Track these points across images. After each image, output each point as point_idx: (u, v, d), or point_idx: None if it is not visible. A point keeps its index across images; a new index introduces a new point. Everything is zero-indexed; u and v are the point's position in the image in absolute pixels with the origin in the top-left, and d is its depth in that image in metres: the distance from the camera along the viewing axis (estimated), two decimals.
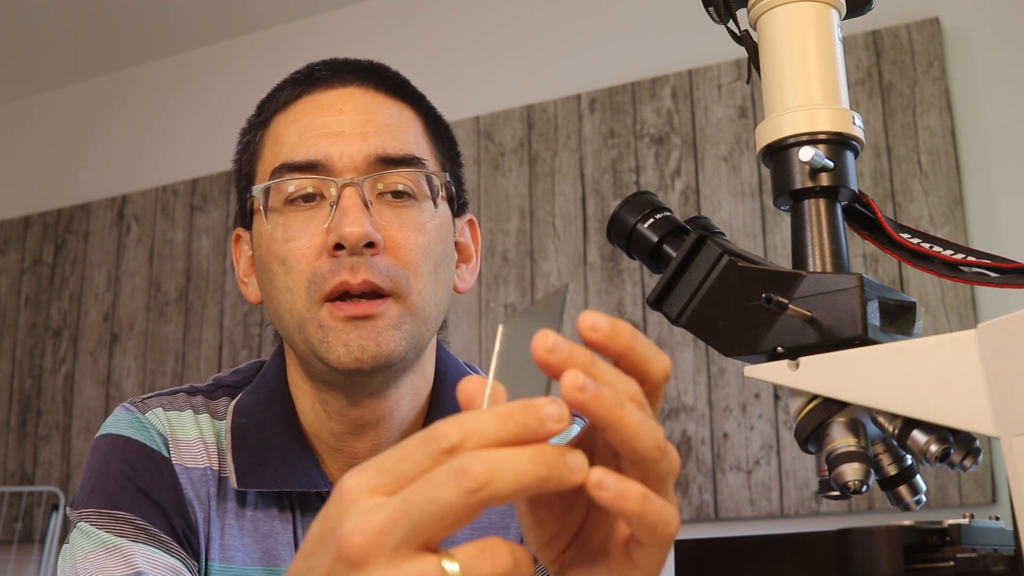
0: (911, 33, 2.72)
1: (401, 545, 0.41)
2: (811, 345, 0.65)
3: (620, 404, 0.45)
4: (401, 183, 0.91)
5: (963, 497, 2.44)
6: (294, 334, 0.91)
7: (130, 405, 0.96)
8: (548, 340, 0.45)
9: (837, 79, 0.71)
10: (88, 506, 0.90)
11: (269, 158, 0.94)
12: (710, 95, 2.92)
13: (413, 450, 0.43)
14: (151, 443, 0.93)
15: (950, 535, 0.60)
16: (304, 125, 0.93)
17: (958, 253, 0.69)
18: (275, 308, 0.93)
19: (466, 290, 1.01)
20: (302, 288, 0.89)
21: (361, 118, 0.93)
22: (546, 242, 3.01)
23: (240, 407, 0.96)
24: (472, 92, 3.24)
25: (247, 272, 1.00)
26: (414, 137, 0.95)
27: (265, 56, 3.61)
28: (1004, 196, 2.61)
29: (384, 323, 0.88)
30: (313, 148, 0.91)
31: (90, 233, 3.69)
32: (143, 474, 0.91)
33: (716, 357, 2.75)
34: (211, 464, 0.93)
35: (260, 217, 0.93)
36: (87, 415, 3.51)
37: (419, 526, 0.41)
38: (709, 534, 2.41)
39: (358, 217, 0.87)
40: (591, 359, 0.46)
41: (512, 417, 0.43)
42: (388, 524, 0.41)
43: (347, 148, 0.91)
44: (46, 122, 4.01)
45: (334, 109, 0.93)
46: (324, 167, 0.90)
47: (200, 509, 0.91)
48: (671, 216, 0.75)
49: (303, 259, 0.89)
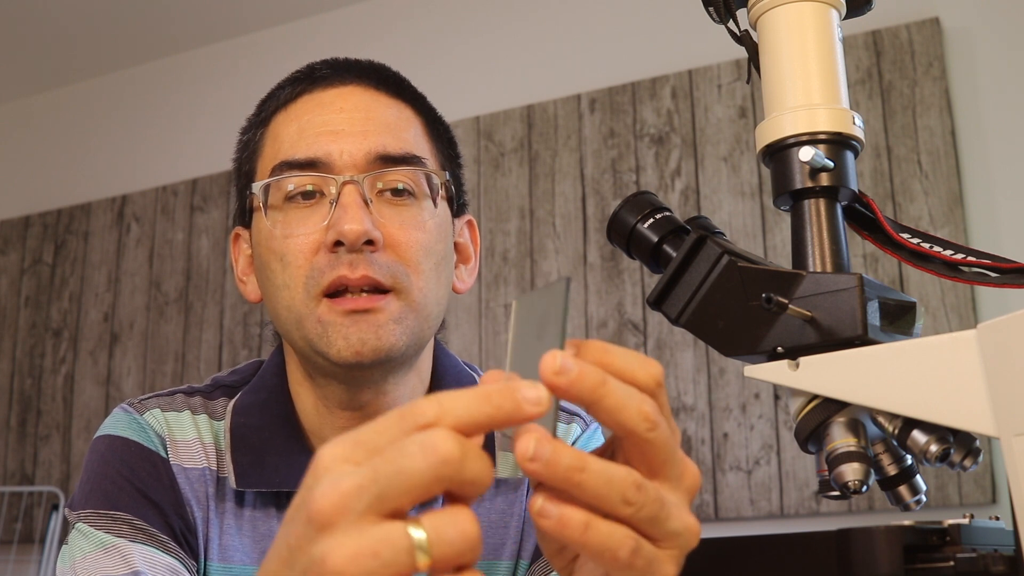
0: (911, 33, 2.72)
1: (368, 511, 0.42)
2: (811, 345, 0.65)
3: (601, 382, 0.46)
4: (401, 181, 0.91)
5: (963, 497, 2.44)
6: (293, 331, 0.91)
7: (128, 406, 0.96)
8: (556, 362, 0.45)
9: (837, 79, 0.71)
10: (86, 507, 0.90)
11: (269, 156, 0.94)
12: (710, 95, 2.91)
13: (390, 425, 0.44)
14: (149, 444, 0.93)
15: (950, 535, 0.60)
16: (304, 123, 0.93)
17: (958, 253, 0.69)
18: (273, 305, 0.93)
19: (464, 290, 1.01)
20: (300, 284, 0.89)
21: (361, 116, 0.93)
22: (546, 242, 3.01)
23: (238, 407, 0.96)
24: (472, 92, 3.24)
25: (246, 271, 1.00)
26: (414, 136, 0.95)
27: (265, 56, 3.61)
28: (1004, 196, 2.61)
29: (385, 317, 0.88)
30: (313, 146, 0.91)
31: (90, 233, 3.69)
32: (141, 474, 0.91)
33: (716, 357, 2.75)
34: (209, 464, 0.93)
35: (260, 214, 0.93)
36: (87, 415, 3.50)
37: (387, 494, 0.42)
38: (709, 534, 2.39)
39: (358, 214, 0.87)
40: (601, 380, 0.46)
41: (489, 399, 0.44)
42: (356, 489, 0.42)
43: (347, 146, 0.91)
44: (46, 122, 4.01)
45: (334, 107, 0.93)
46: (324, 165, 0.90)
47: (198, 509, 0.91)
48: (671, 216, 0.74)
49: (301, 255, 0.89)
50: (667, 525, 0.47)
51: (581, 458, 0.45)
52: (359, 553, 0.41)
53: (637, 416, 0.47)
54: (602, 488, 0.45)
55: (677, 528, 0.48)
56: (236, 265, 1.01)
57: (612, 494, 0.46)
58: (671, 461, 0.49)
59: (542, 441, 0.44)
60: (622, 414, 0.46)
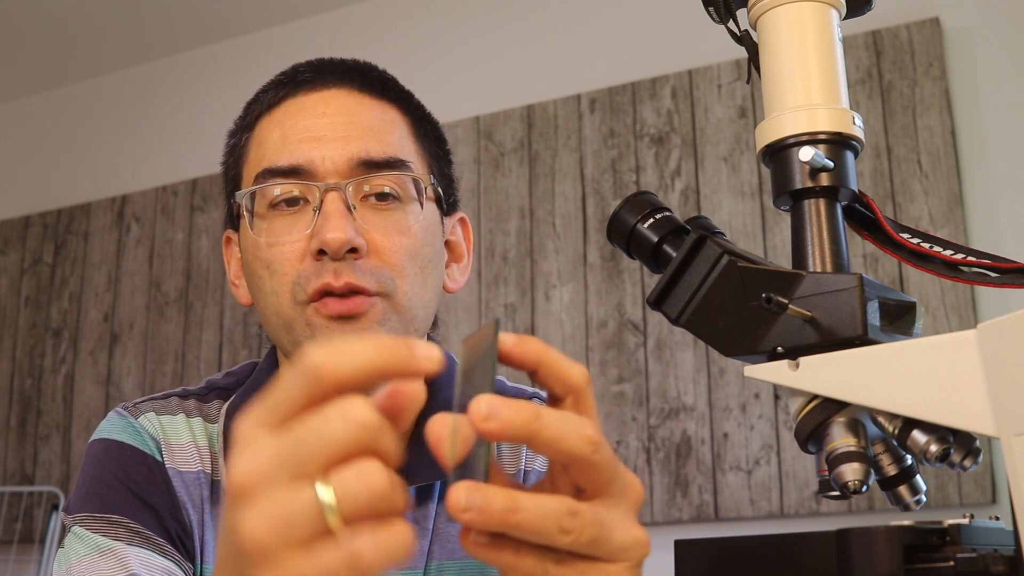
0: (911, 33, 2.72)
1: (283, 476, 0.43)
2: (811, 345, 0.65)
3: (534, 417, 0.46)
4: (385, 186, 0.91)
5: (963, 497, 2.44)
6: (282, 336, 0.91)
7: (122, 410, 0.96)
8: (481, 409, 0.45)
9: (837, 79, 0.71)
10: (82, 510, 0.90)
11: (253, 162, 0.94)
12: (710, 95, 2.91)
13: (293, 384, 0.45)
14: (144, 447, 0.93)
15: (950, 535, 0.60)
16: (287, 129, 0.92)
17: (958, 253, 0.68)
18: (263, 311, 0.93)
19: (456, 289, 1.01)
20: (287, 291, 0.89)
21: (344, 121, 0.92)
22: (546, 242, 3.01)
23: (233, 408, 0.96)
24: (472, 92, 3.24)
25: (238, 274, 1.00)
26: (398, 139, 0.94)
27: (265, 56, 3.61)
28: (1004, 196, 2.61)
29: (368, 320, 0.88)
30: (296, 152, 0.90)
31: (90, 233, 3.69)
32: (136, 478, 0.91)
33: (716, 357, 2.75)
34: (204, 468, 0.93)
35: (245, 222, 0.93)
36: (87, 415, 3.50)
37: (304, 459, 0.43)
38: (709, 534, 2.41)
39: (340, 222, 0.87)
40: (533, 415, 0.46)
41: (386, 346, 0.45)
42: (273, 458, 0.43)
43: (329, 152, 0.90)
44: (46, 122, 4.01)
45: (316, 112, 0.93)
46: (307, 172, 0.90)
47: (194, 512, 0.91)
48: (671, 216, 0.74)
49: (287, 263, 0.89)
50: (611, 543, 0.48)
51: (513, 498, 0.45)
52: (271, 518, 0.42)
53: (580, 442, 0.47)
54: (538, 523, 0.46)
55: (624, 543, 0.48)
56: (228, 269, 1.01)
57: (549, 527, 0.46)
58: (615, 479, 0.49)
59: (471, 491, 0.45)
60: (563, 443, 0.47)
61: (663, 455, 2.73)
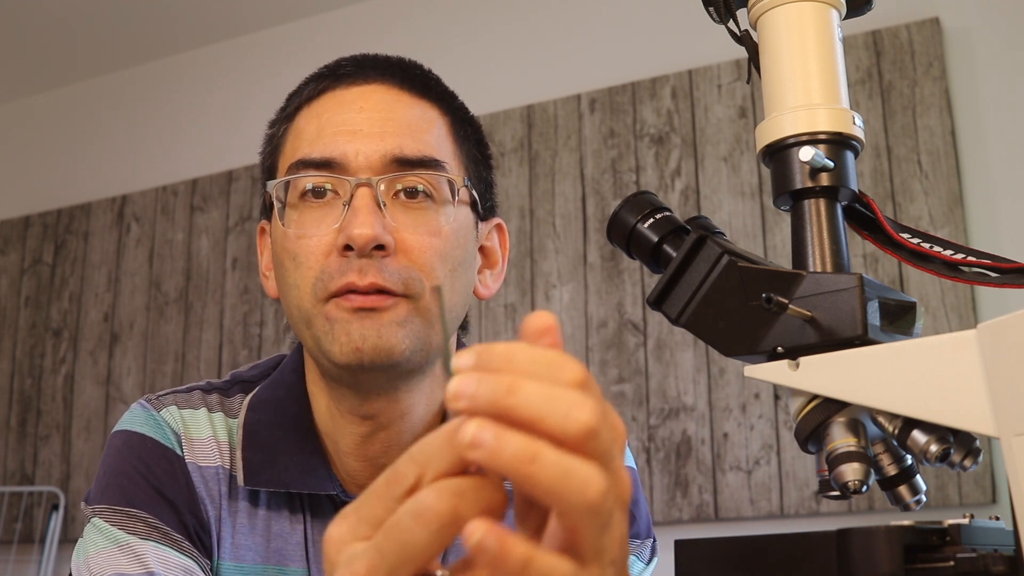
0: (911, 33, 2.72)
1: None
2: (811, 345, 0.65)
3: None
4: (418, 184, 0.90)
5: (963, 497, 2.44)
6: (303, 330, 0.91)
7: (145, 402, 0.96)
8: (450, 388, 0.43)
9: (837, 79, 0.71)
10: (102, 502, 0.90)
11: (288, 153, 0.94)
12: (710, 95, 2.92)
13: (382, 494, 0.44)
14: (165, 440, 0.93)
15: (950, 535, 0.60)
16: (324, 121, 0.92)
17: (958, 253, 0.69)
18: (286, 304, 0.93)
19: (488, 296, 0.99)
20: (308, 285, 0.88)
21: (381, 116, 0.91)
22: (546, 242, 3.01)
23: (254, 402, 0.96)
24: (472, 92, 3.22)
25: (269, 266, 0.99)
26: (436, 138, 0.93)
27: (265, 56, 3.61)
28: (1004, 196, 2.61)
29: (389, 317, 0.86)
30: (330, 145, 0.90)
31: (90, 233, 3.69)
32: (157, 471, 0.91)
33: (716, 357, 2.75)
34: (223, 463, 0.93)
35: (276, 212, 0.93)
36: (87, 415, 3.50)
37: (397, 566, 0.43)
38: (709, 534, 2.41)
39: (368, 219, 0.86)
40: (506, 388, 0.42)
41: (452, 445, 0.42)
42: (369, 571, 0.43)
43: (363, 147, 0.89)
44: (46, 122, 4.01)
45: (355, 106, 0.92)
46: (340, 165, 0.89)
47: (212, 508, 0.91)
48: (671, 216, 0.74)
49: (313, 256, 0.88)
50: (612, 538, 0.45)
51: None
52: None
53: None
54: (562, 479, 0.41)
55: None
56: (260, 259, 1.01)
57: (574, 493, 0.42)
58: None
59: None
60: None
61: (663, 455, 2.73)
